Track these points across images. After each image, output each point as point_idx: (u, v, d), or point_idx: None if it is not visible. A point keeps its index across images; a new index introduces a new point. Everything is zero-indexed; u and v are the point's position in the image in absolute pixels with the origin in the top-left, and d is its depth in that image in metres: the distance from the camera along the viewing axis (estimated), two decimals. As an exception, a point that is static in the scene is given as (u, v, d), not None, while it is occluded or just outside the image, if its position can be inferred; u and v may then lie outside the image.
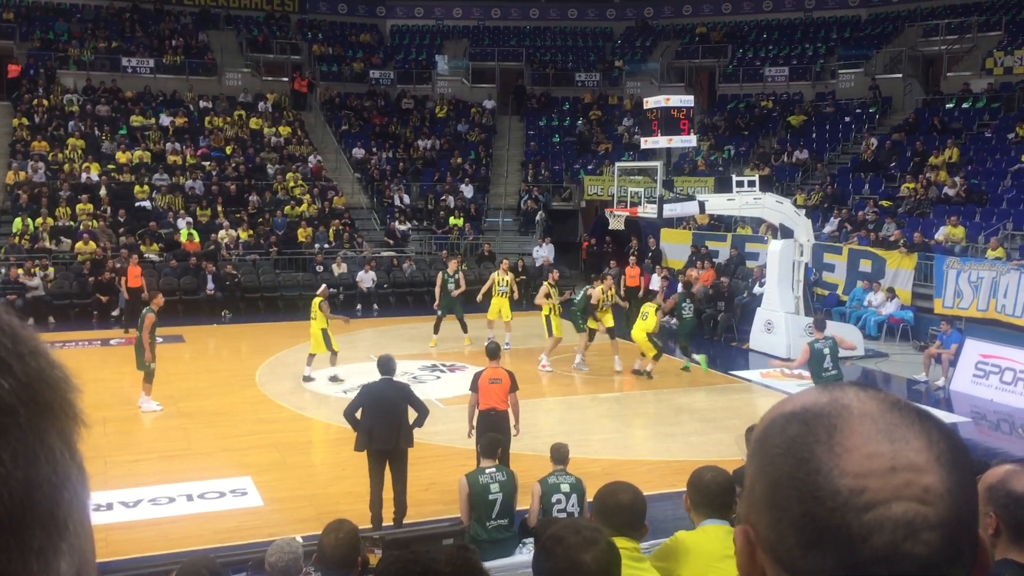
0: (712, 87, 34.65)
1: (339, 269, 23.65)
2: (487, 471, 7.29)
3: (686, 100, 17.79)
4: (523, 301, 19.62)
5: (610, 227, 19.87)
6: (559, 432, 11.69)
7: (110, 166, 26.31)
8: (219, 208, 25.47)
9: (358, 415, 8.66)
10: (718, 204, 18.50)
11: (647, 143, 18.16)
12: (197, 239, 23.85)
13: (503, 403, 9.50)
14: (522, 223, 28.56)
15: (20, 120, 27.46)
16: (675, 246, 25.09)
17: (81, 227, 23.33)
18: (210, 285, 22.22)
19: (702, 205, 17.99)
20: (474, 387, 9.60)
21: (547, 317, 16.64)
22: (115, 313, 20.87)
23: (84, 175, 25.54)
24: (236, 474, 10.27)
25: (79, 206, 24.14)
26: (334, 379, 14.96)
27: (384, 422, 8.54)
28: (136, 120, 28.77)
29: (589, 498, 6.22)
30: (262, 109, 31.26)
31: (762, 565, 0.80)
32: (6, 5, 32.17)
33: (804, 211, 19.31)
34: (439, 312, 18.42)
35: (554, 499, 6.98)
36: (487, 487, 7.15)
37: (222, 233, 24.38)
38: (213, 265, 22.54)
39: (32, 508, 0.55)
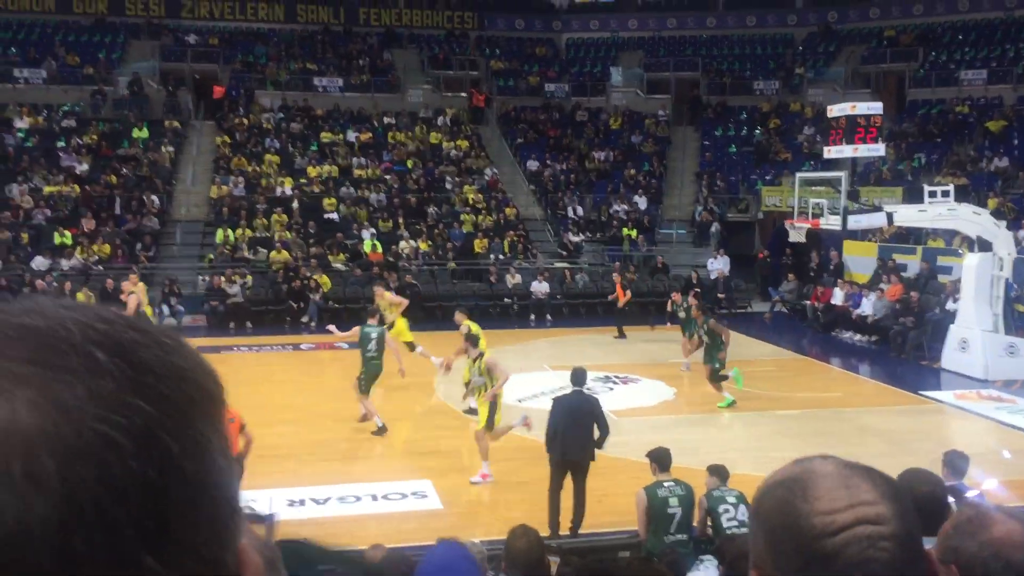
0: (901, 92, 32.99)
1: (513, 280, 24.08)
2: (666, 484, 7.25)
3: (874, 107, 17.04)
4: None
5: (790, 239, 19.27)
6: (735, 448, 11.46)
7: (302, 180, 27.89)
8: (400, 220, 26.50)
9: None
10: (908, 216, 17.57)
11: (831, 152, 17.53)
12: (380, 249, 24.90)
13: None
14: (696, 235, 28.15)
15: (223, 138, 29.57)
16: (859, 259, 24.02)
17: (276, 238, 24.84)
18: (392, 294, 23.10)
19: (890, 216, 17.15)
20: None
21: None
22: (305, 319, 22.06)
23: (279, 189, 27.20)
24: (417, 477, 10.65)
25: (274, 218, 25.72)
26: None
27: (576, 434, 8.72)
28: (326, 136, 30.38)
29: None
30: (441, 124, 32.30)
31: None
32: (212, 32, 34.76)
33: (1005, 223, 18.07)
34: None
35: (721, 509, 7.00)
36: (666, 501, 7.11)
37: (403, 244, 25.36)
38: (394, 274, 23.45)
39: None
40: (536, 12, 38.48)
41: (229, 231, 24.82)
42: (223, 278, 22.51)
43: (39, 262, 22.74)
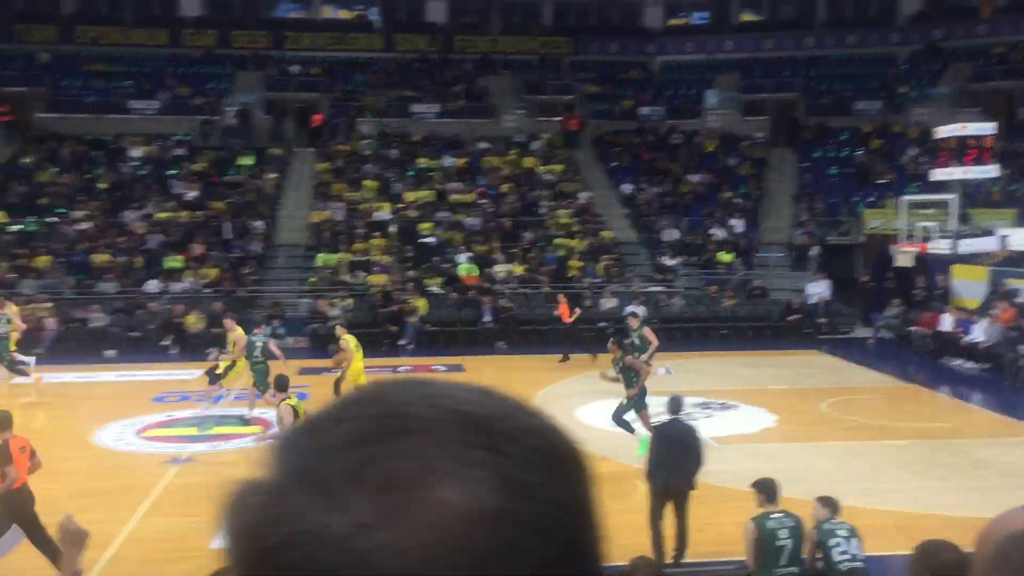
0: (1011, 111, 31.79)
1: (608, 303, 24.00)
2: (774, 516, 7.11)
3: (986, 127, 16.50)
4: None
5: (897, 264, 18.72)
6: (842, 479, 11.14)
7: (399, 205, 28.43)
8: (495, 243, 26.74)
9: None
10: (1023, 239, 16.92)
11: (939, 174, 17.01)
12: (475, 273, 25.17)
13: None
14: (795, 258, 27.58)
15: (324, 165, 30.40)
16: (968, 283, 23.14)
17: (374, 261, 25.36)
18: (487, 316, 23.33)
19: (1003, 240, 16.53)
20: None
21: None
22: (402, 342, 22.41)
23: (377, 214, 27.79)
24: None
25: (372, 242, 26.27)
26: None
27: (678, 462, 8.64)
28: (422, 162, 30.93)
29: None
30: (535, 148, 32.53)
31: None
32: (314, 62, 35.85)
33: None
34: None
35: (832, 542, 6.84)
36: (775, 532, 6.97)
37: (497, 267, 25.58)
38: (490, 298, 23.66)
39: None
40: (630, 36, 38.50)
41: (329, 255, 25.45)
42: (324, 301, 23.07)
43: (152, 285, 23.74)
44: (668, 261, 26.79)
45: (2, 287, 23.16)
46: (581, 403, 16.19)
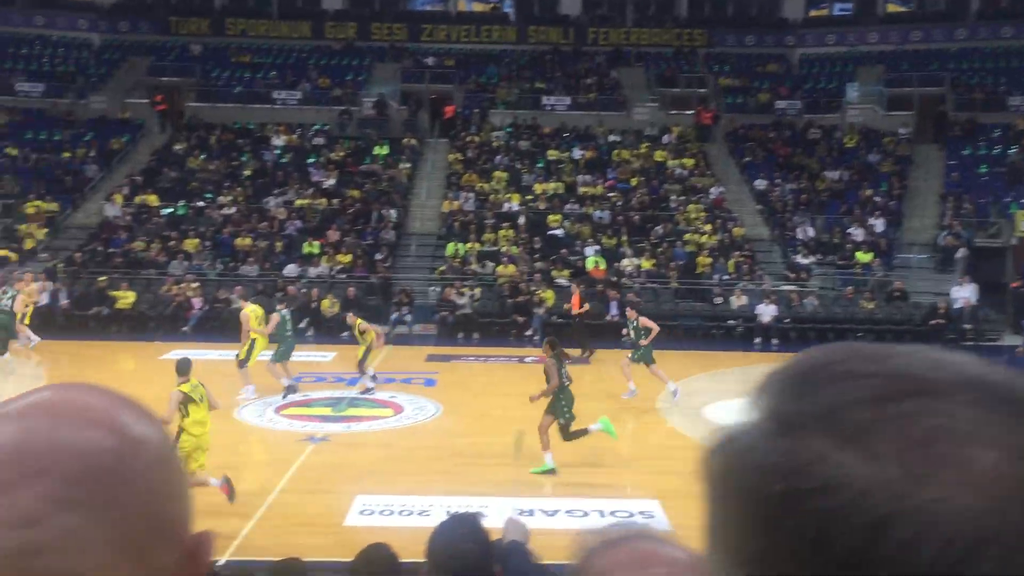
0: None
1: (738, 301, 23.53)
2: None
3: None
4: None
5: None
6: None
7: (528, 196, 28.60)
8: (623, 237, 26.57)
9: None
10: None
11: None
12: (603, 266, 25.08)
13: None
14: (939, 260, 26.34)
15: (456, 155, 30.87)
16: None
17: (502, 252, 25.61)
18: (613, 311, 23.20)
19: None
20: None
21: None
22: (528, 332, 22.56)
23: (506, 205, 28.04)
24: (643, 496, 10.61)
25: (501, 232, 26.52)
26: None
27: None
28: (552, 154, 31.01)
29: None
30: (667, 142, 32.13)
31: None
32: (448, 54, 36.43)
33: None
34: None
35: None
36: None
37: (625, 261, 25.41)
38: (617, 292, 23.53)
39: None
40: (768, 27, 37.53)
41: (459, 245, 25.84)
42: (453, 289, 23.45)
43: (290, 269, 24.66)
44: (802, 260, 26.03)
45: (155, 267, 24.55)
46: (708, 401, 15.93)
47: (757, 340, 22.42)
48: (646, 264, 25.46)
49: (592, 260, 25.35)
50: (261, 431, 13.88)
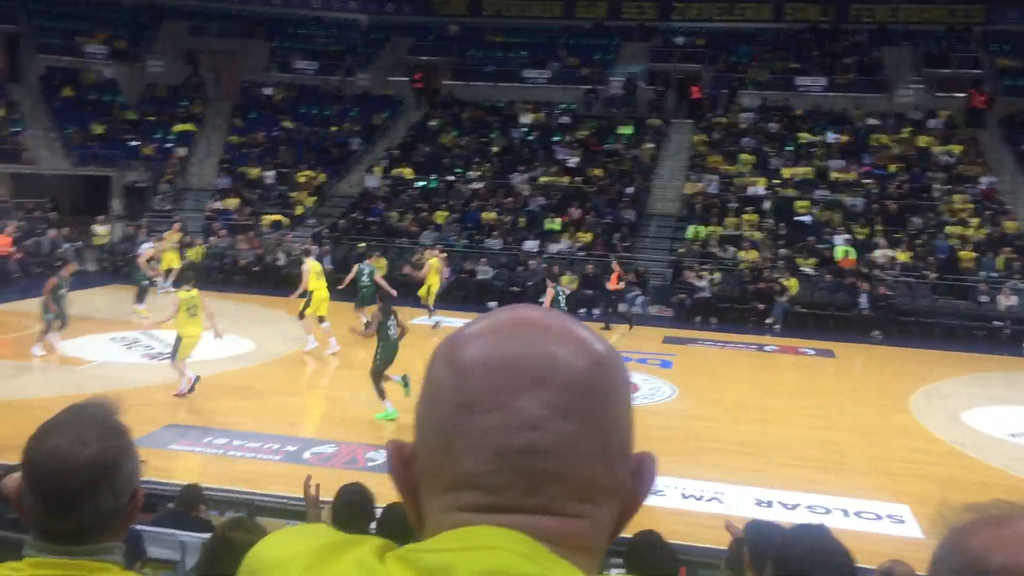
0: None
1: (1007, 301, 21.61)
2: None
3: None
4: None
5: None
6: None
7: (775, 181, 27.60)
8: (877, 227, 25.08)
9: None
10: None
11: None
12: (853, 256, 23.81)
13: None
14: None
15: (701, 137, 30.31)
16: None
17: (745, 236, 24.93)
18: (863, 303, 22.03)
19: None
20: None
21: None
22: (769, 321, 21.86)
23: (751, 188, 27.22)
24: (893, 499, 10.06)
25: (744, 216, 25.81)
26: None
27: None
28: (803, 137, 29.71)
29: None
30: (932, 126, 29.90)
31: None
32: (699, 33, 35.72)
33: None
34: None
35: None
36: None
37: (878, 252, 23.97)
38: (867, 284, 22.30)
39: None
40: (1059, 2, 33.88)
41: (700, 227, 25.42)
42: (692, 272, 23.13)
43: (530, 245, 25.29)
44: (1086, 260, 23.44)
45: (407, 236, 25.98)
46: (967, 405, 14.83)
47: (1025, 345, 20.52)
48: (902, 256, 23.90)
49: (842, 249, 24.12)
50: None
